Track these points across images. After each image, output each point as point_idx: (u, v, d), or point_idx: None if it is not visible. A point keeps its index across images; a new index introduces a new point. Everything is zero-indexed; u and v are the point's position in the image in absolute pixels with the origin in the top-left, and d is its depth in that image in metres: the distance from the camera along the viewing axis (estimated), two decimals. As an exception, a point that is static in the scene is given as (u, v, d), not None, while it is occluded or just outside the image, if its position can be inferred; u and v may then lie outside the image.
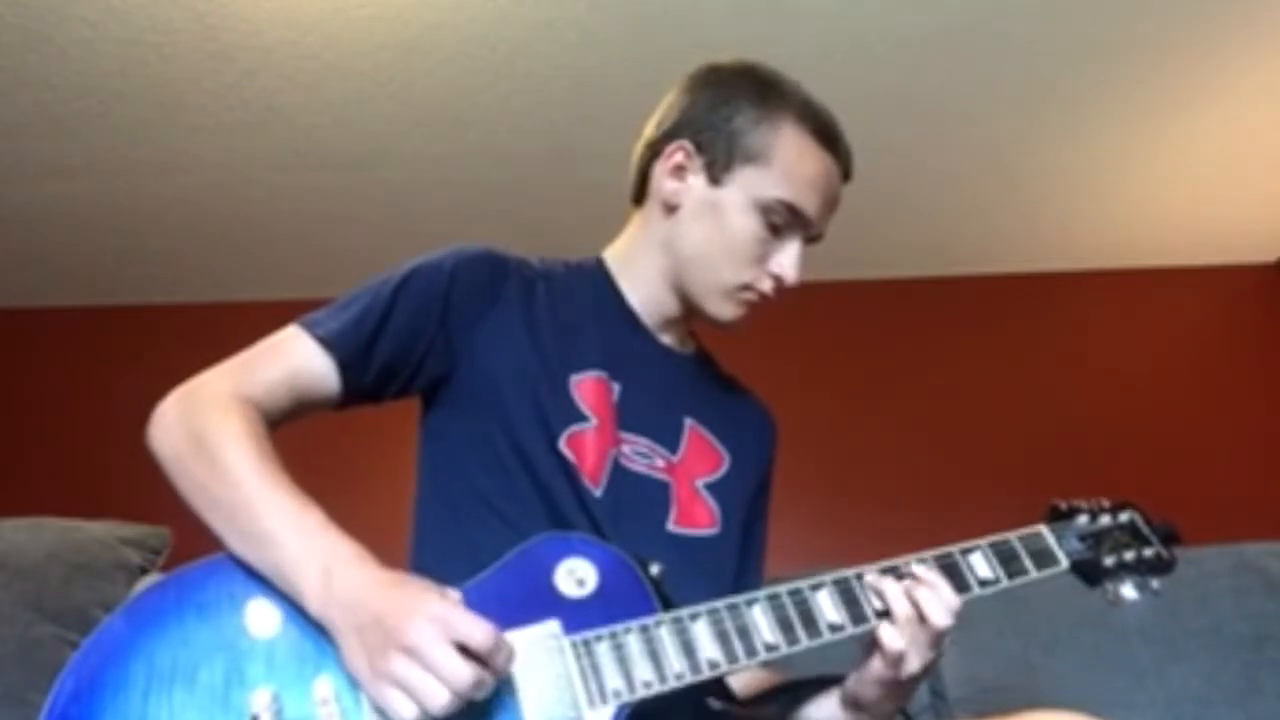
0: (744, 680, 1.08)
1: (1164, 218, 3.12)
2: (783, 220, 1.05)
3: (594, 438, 1.02)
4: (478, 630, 0.74)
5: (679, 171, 1.09)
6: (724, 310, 1.10)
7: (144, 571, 1.55)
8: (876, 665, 0.91)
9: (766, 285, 1.08)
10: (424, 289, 1.03)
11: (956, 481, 2.98)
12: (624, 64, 2.35)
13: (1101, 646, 1.59)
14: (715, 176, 1.06)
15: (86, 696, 0.78)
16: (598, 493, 1.00)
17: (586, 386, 1.04)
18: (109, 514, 1.65)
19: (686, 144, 1.08)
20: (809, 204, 1.06)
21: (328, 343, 0.98)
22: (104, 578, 1.48)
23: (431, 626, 0.73)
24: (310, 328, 1.00)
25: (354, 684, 0.78)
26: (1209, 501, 2.60)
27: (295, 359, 0.98)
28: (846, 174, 1.11)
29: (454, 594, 0.81)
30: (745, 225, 1.05)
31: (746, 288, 1.08)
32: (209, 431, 0.89)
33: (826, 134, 1.07)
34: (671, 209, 1.09)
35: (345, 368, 0.99)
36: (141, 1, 2.14)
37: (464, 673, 0.72)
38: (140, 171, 2.64)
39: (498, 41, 2.31)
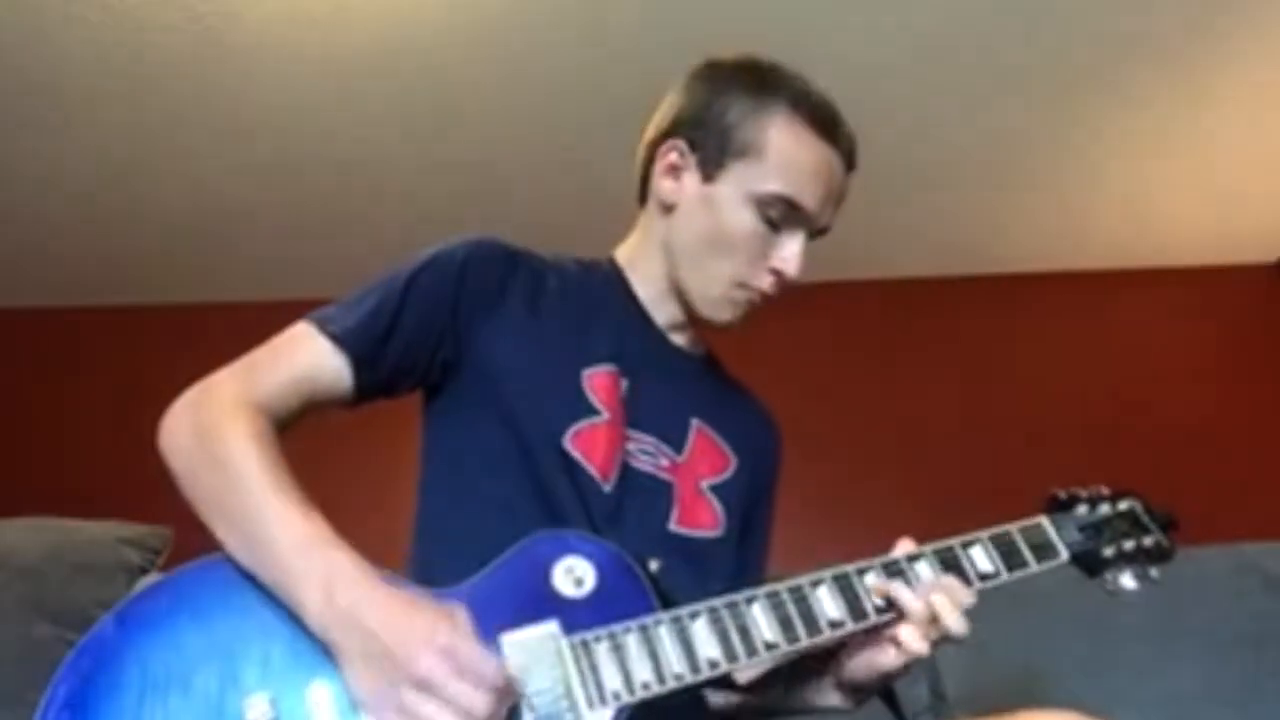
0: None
1: (1164, 218, 3.12)
2: (780, 214, 1.02)
3: (606, 432, 1.01)
4: (486, 665, 0.75)
5: (674, 171, 1.07)
6: (720, 311, 1.08)
7: (144, 571, 1.55)
8: (887, 655, 0.91)
9: (766, 282, 1.05)
10: (436, 280, 1.02)
11: (956, 480, 2.97)
12: (627, 64, 2.35)
13: (1101, 646, 1.59)
14: (709, 174, 1.05)
15: (79, 703, 0.77)
16: (607, 487, 0.98)
17: (599, 380, 1.03)
18: (109, 514, 1.65)
19: (680, 143, 1.07)
20: (807, 196, 1.03)
21: (340, 339, 0.97)
22: (104, 578, 1.48)
23: (442, 660, 0.73)
24: (322, 325, 0.98)
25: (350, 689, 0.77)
26: (1209, 501, 2.60)
27: (307, 358, 0.97)
28: (850, 164, 1.07)
29: (461, 612, 0.79)
30: (741, 221, 1.03)
31: (743, 286, 1.06)
32: (217, 440, 0.88)
33: (824, 122, 1.04)
34: (669, 209, 1.08)
35: (358, 365, 0.97)
36: (141, 1, 2.14)
37: (481, 704, 0.73)
38: (138, 172, 2.64)
39: (498, 42, 2.31)
